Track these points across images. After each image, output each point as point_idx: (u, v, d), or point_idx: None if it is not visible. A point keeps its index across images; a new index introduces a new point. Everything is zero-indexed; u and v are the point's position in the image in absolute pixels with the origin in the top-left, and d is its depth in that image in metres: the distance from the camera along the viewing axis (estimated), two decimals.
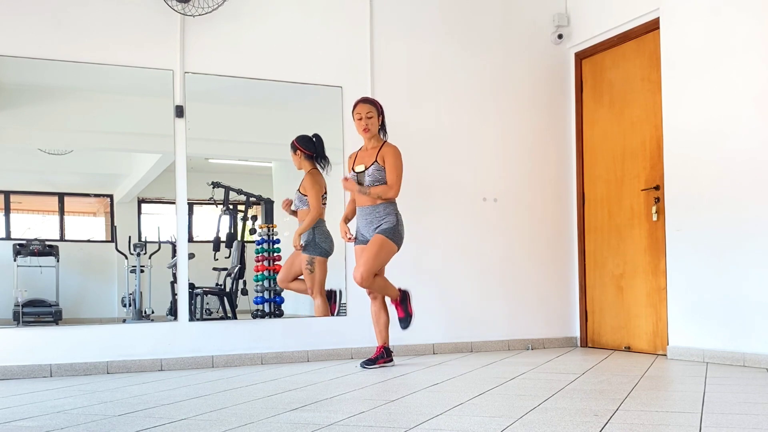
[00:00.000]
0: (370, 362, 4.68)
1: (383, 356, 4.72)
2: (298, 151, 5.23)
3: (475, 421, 2.86)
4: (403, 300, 4.81)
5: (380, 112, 4.75)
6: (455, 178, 5.72)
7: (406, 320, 4.81)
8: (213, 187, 5.34)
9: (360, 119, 4.69)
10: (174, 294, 5.03)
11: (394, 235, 4.61)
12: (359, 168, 4.72)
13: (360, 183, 4.68)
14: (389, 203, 4.67)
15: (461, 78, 5.78)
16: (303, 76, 5.32)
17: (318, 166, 5.28)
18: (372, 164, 4.67)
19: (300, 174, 5.32)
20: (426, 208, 5.59)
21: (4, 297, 4.78)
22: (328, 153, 5.37)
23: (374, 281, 4.62)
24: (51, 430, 2.84)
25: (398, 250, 4.69)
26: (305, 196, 5.23)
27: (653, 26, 5.29)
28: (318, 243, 5.20)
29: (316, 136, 5.27)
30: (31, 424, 2.96)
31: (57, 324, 4.79)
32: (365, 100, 4.75)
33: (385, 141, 4.77)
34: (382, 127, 4.79)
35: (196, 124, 5.02)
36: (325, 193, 5.26)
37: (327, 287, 5.32)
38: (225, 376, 4.44)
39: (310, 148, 5.23)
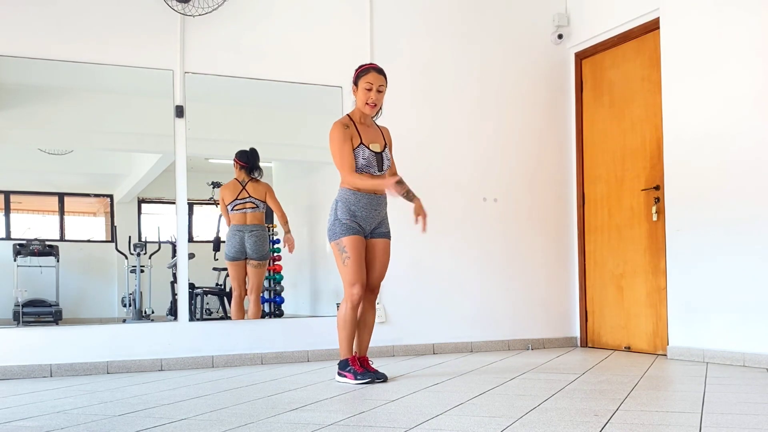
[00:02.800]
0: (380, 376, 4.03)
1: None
2: (235, 163, 5.32)
3: (475, 421, 2.86)
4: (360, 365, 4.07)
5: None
6: (455, 178, 5.72)
7: (363, 375, 3.97)
8: (213, 187, 5.34)
9: (370, 90, 3.98)
10: (174, 294, 5.03)
11: None
12: (375, 147, 4.04)
13: (379, 165, 4.06)
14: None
15: (461, 78, 5.78)
16: (303, 76, 5.32)
17: (253, 175, 5.34)
18: (385, 146, 4.11)
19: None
20: (426, 208, 5.57)
21: (4, 297, 4.79)
22: (326, 153, 5.40)
23: None
24: (51, 430, 2.84)
25: None
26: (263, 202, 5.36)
27: (653, 26, 5.29)
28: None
29: (252, 149, 5.32)
30: (31, 424, 2.96)
31: (57, 324, 4.80)
32: (380, 71, 4.04)
33: (374, 121, 4.20)
34: None
35: (196, 124, 5.02)
36: (235, 200, 5.29)
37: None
38: (225, 376, 4.44)
39: (243, 159, 5.30)
